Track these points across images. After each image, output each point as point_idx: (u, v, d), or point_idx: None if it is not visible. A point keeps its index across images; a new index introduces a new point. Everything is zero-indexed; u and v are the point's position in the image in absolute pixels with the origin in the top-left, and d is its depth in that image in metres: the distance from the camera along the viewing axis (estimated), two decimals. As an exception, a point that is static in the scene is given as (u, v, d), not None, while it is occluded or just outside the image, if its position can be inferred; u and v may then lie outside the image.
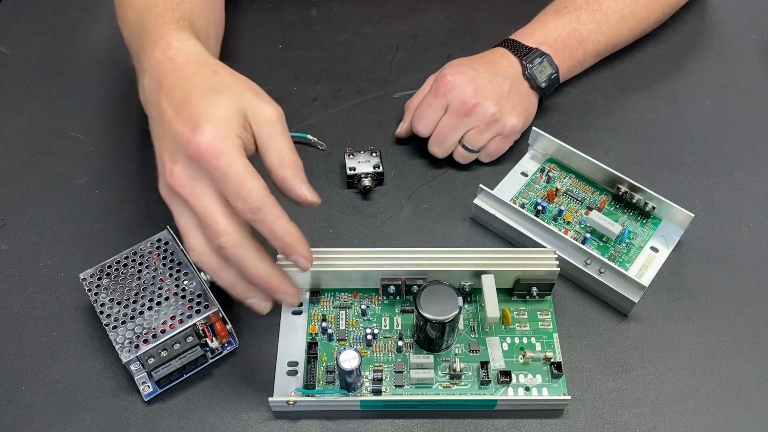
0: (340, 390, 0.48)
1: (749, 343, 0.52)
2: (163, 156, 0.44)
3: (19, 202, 0.60)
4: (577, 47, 0.64)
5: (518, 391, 0.49)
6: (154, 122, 0.46)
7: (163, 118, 0.44)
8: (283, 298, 0.46)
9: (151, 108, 0.46)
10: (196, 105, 0.43)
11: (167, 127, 0.43)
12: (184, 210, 0.44)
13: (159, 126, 0.45)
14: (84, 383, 0.50)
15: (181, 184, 0.43)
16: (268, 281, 0.44)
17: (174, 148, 0.43)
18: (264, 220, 0.43)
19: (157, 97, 0.45)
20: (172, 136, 0.43)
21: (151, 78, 0.46)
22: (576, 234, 0.56)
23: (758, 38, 0.73)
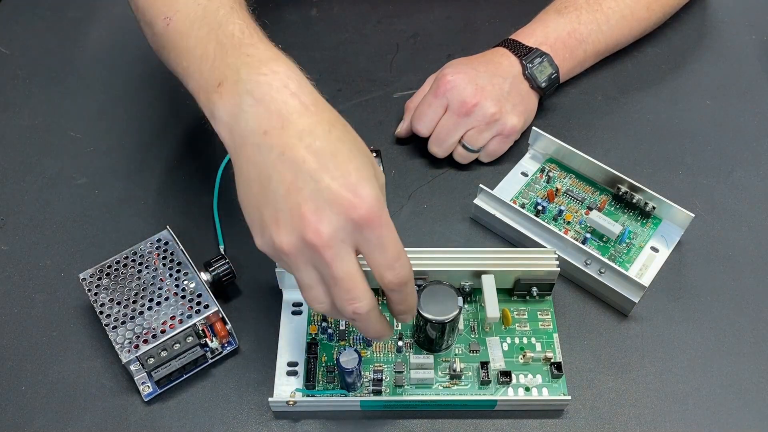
0: (340, 390, 0.48)
1: (749, 343, 0.52)
2: (301, 209, 0.39)
3: (19, 202, 0.60)
4: (577, 47, 0.64)
5: (518, 391, 0.49)
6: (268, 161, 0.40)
7: (300, 167, 0.39)
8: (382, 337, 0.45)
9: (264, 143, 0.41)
10: (349, 164, 0.40)
11: (309, 180, 0.39)
12: (308, 267, 0.41)
13: (289, 173, 0.40)
14: (84, 383, 0.50)
15: (327, 246, 0.39)
16: (382, 332, 0.44)
17: (322, 206, 0.39)
18: (405, 291, 0.43)
19: (284, 138, 0.40)
20: (318, 191, 0.39)
21: (267, 109, 0.41)
22: (576, 234, 0.56)
23: (758, 38, 0.73)
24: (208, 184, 0.61)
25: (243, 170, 0.42)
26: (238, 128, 0.42)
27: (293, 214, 0.39)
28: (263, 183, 0.41)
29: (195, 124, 0.66)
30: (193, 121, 0.66)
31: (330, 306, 0.42)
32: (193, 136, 0.65)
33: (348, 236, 0.40)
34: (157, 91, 0.69)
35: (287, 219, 0.40)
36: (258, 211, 0.41)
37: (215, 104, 0.43)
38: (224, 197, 0.60)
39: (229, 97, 0.42)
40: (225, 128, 0.43)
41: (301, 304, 0.53)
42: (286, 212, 0.40)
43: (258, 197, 0.41)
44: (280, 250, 0.40)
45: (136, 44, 0.73)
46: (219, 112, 0.43)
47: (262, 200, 0.41)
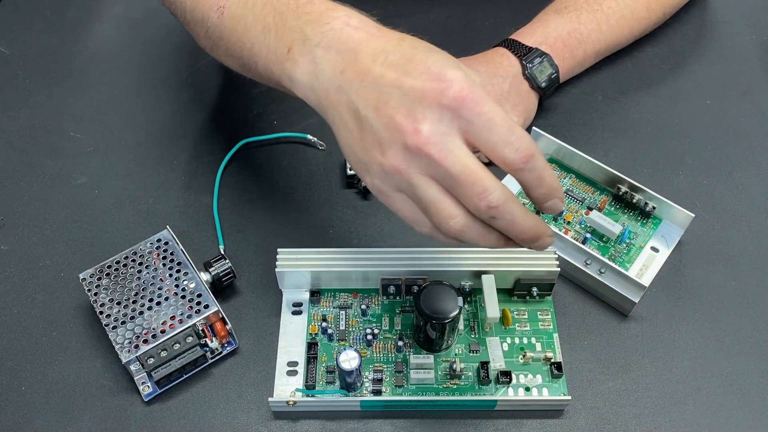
0: (340, 390, 0.48)
1: (749, 343, 0.52)
2: (394, 119, 0.38)
3: (19, 202, 0.60)
4: (577, 47, 0.64)
5: (518, 391, 0.49)
6: (353, 95, 0.40)
7: (380, 82, 0.39)
8: (544, 243, 0.41)
9: (344, 81, 0.40)
10: (429, 60, 0.38)
11: (392, 89, 0.38)
12: (426, 180, 0.39)
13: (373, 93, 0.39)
14: (84, 383, 0.50)
15: (431, 142, 0.37)
16: (538, 228, 0.40)
17: (413, 106, 0.38)
18: (535, 167, 0.39)
19: (359, 66, 0.40)
20: (403, 95, 0.38)
21: (338, 50, 0.41)
22: (576, 234, 0.56)
23: (758, 38, 0.73)
24: (208, 184, 0.61)
25: (336, 120, 0.42)
26: (318, 82, 0.42)
27: (390, 128, 0.38)
28: (355, 118, 0.40)
29: (195, 124, 0.66)
30: (193, 121, 0.66)
31: (465, 217, 0.39)
32: (194, 135, 0.65)
33: (449, 126, 0.38)
34: (157, 91, 0.69)
35: (386, 136, 0.39)
36: (360, 150, 0.40)
37: (291, 70, 0.43)
38: (224, 197, 0.60)
39: (301, 58, 0.42)
40: (307, 88, 0.43)
41: (301, 304, 0.53)
42: (383, 130, 0.39)
43: (355, 136, 0.40)
44: (391, 173, 0.39)
45: (136, 44, 0.73)
46: (297, 76, 0.43)
47: (359, 136, 0.40)
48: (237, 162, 0.63)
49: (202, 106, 0.67)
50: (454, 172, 0.38)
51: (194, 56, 0.71)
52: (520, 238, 0.40)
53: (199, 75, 0.70)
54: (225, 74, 0.70)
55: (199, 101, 0.68)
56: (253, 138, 0.63)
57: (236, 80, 0.69)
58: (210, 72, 0.70)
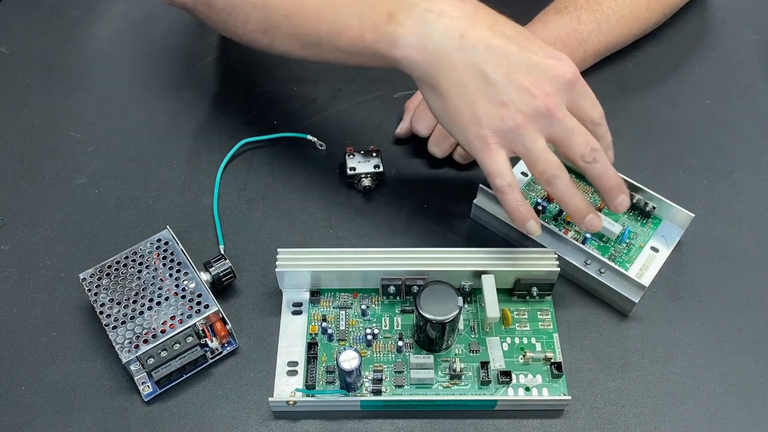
0: (340, 390, 0.48)
1: (749, 343, 0.52)
2: (524, 84, 0.46)
3: (19, 202, 0.60)
4: (577, 47, 0.64)
5: (518, 391, 0.49)
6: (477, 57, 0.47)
7: (508, 51, 0.47)
8: (624, 200, 0.50)
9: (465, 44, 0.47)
10: (537, 42, 0.49)
11: (519, 59, 0.47)
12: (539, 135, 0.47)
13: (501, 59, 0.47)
14: (84, 383, 0.50)
15: (556, 104, 0.47)
16: (619, 179, 0.50)
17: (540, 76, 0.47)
18: (604, 123, 0.51)
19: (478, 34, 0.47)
20: (531, 66, 0.47)
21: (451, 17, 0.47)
22: (576, 234, 0.56)
23: (758, 38, 0.73)
24: (208, 184, 0.61)
25: (451, 77, 0.47)
26: (432, 43, 0.47)
27: (520, 91, 0.46)
28: (480, 79, 0.47)
29: (195, 124, 0.66)
30: (194, 121, 0.66)
31: (561, 167, 0.48)
32: (194, 135, 0.65)
33: (564, 96, 0.48)
34: (158, 91, 0.69)
35: (516, 97, 0.47)
36: (479, 105, 0.47)
37: (395, 33, 0.48)
38: (224, 197, 0.60)
39: (409, 22, 0.48)
40: (414, 48, 0.47)
41: (301, 304, 0.53)
42: (513, 92, 0.46)
43: (475, 93, 0.47)
44: (515, 128, 0.47)
45: (136, 44, 0.73)
46: (403, 39, 0.48)
47: (482, 93, 0.47)
48: (237, 162, 0.63)
49: (202, 106, 0.67)
50: (570, 127, 0.47)
51: (194, 56, 0.71)
52: (608, 183, 0.49)
53: (199, 75, 0.70)
54: (225, 74, 0.70)
55: (199, 101, 0.68)
56: (253, 138, 0.63)
57: (236, 80, 0.69)
58: (210, 72, 0.70)
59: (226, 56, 0.71)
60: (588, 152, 0.48)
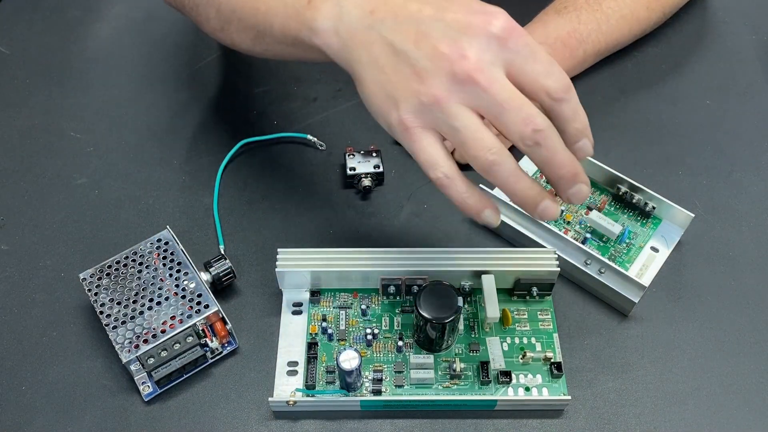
0: (340, 390, 0.48)
1: (749, 343, 0.52)
2: (438, 48, 0.39)
3: (19, 202, 0.60)
4: (577, 47, 0.64)
5: (518, 391, 0.49)
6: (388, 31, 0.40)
7: (419, 17, 0.40)
8: (582, 190, 0.41)
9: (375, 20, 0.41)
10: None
11: (433, 22, 0.39)
12: (463, 110, 0.39)
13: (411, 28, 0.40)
14: (84, 383, 0.50)
15: (479, 69, 0.38)
16: (574, 165, 0.41)
17: (457, 37, 0.39)
18: (572, 99, 0.40)
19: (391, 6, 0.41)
20: (447, 27, 0.39)
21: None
22: (576, 234, 0.56)
23: (758, 38, 0.73)
24: (208, 184, 0.61)
25: (363, 59, 0.42)
26: (344, 25, 0.42)
27: (433, 58, 0.39)
28: (390, 53, 0.40)
29: (195, 124, 0.66)
30: (194, 121, 0.66)
31: (502, 151, 0.40)
32: (194, 135, 0.65)
33: (495, 56, 0.39)
34: (157, 91, 0.69)
35: (429, 65, 0.39)
36: (392, 85, 0.40)
37: (313, 18, 0.43)
38: (224, 197, 0.60)
39: (323, 5, 0.43)
40: (330, 33, 0.43)
41: (301, 304, 0.53)
42: (425, 60, 0.39)
43: (387, 72, 0.41)
44: (430, 103, 0.39)
45: (136, 44, 0.73)
46: (319, 23, 0.43)
47: (394, 69, 0.40)
48: (237, 162, 0.63)
49: (202, 106, 0.67)
50: (501, 99, 0.38)
51: (194, 56, 0.71)
52: (558, 173, 0.40)
53: (199, 75, 0.70)
54: (225, 74, 0.70)
55: (199, 101, 0.68)
56: (253, 138, 0.63)
57: (236, 80, 0.69)
58: (210, 72, 0.70)
59: (226, 56, 0.72)
60: (528, 133, 0.39)
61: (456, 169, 0.42)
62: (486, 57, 0.39)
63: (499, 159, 0.40)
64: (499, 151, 0.40)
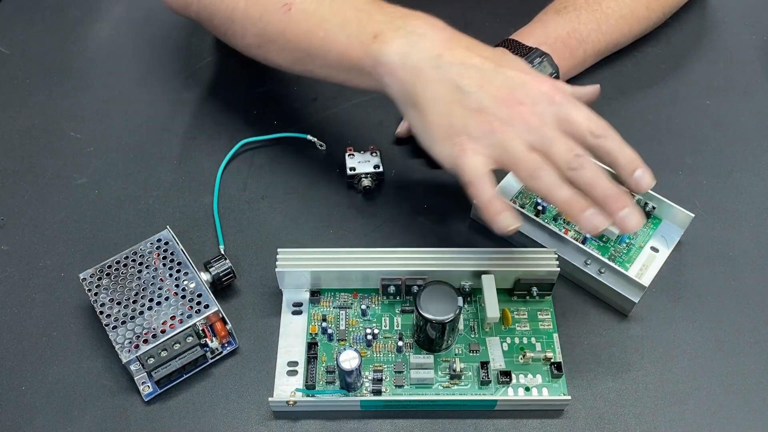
0: (340, 390, 0.48)
1: (749, 343, 0.52)
2: (499, 94, 0.47)
3: (19, 202, 0.60)
4: (577, 47, 0.64)
5: (518, 391, 0.49)
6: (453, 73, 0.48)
7: (482, 67, 0.48)
8: (628, 214, 0.45)
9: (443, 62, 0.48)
10: (515, 60, 0.51)
11: (495, 74, 0.48)
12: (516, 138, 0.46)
13: (475, 74, 0.48)
14: (84, 383, 0.50)
15: (533, 113, 0.46)
16: (616, 190, 0.46)
17: (515, 87, 0.47)
18: (614, 135, 0.47)
19: (457, 53, 0.49)
20: (507, 79, 0.48)
21: (433, 38, 0.49)
22: (576, 234, 0.56)
23: (758, 38, 0.73)
24: (208, 184, 0.61)
25: (426, 92, 0.48)
26: (411, 61, 0.49)
27: (495, 100, 0.47)
28: (454, 92, 0.48)
29: (195, 124, 0.66)
30: (194, 121, 0.66)
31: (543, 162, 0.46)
32: (194, 135, 0.65)
33: (545, 107, 0.47)
34: (157, 91, 0.69)
35: (490, 105, 0.47)
36: (455, 117, 0.48)
37: (379, 51, 0.50)
38: (224, 197, 0.60)
39: (393, 41, 0.50)
40: (397, 66, 0.49)
41: (301, 304, 0.53)
42: (487, 101, 0.47)
43: (452, 106, 0.48)
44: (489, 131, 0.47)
45: (136, 44, 0.73)
46: (386, 57, 0.50)
47: (458, 104, 0.47)
48: (237, 162, 0.63)
49: (202, 106, 0.67)
50: (550, 135, 0.46)
51: (194, 56, 0.71)
52: (603, 193, 0.46)
53: (199, 75, 0.70)
54: (225, 74, 0.70)
55: (199, 101, 0.68)
56: (253, 138, 0.63)
57: (236, 80, 0.69)
58: (210, 72, 0.70)
59: (226, 56, 0.71)
60: (572, 158, 0.46)
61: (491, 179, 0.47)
62: (538, 108, 0.47)
63: (544, 167, 0.46)
64: (543, 163, 0.46)
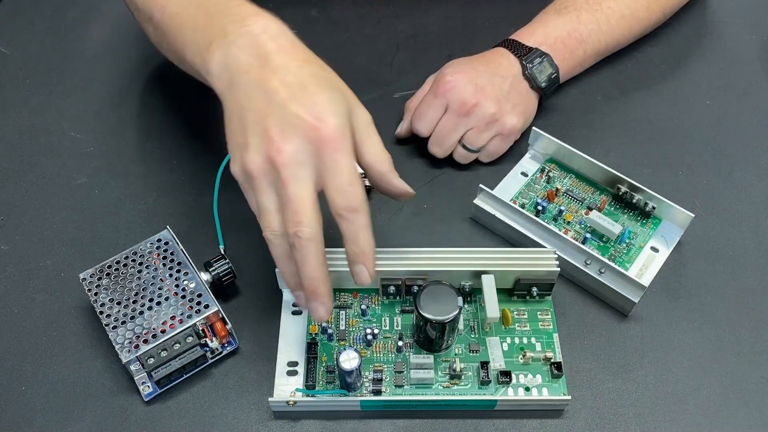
0: (340, 390, 0.48)
1: (749, 343, 0.52)
2: (269, 131, 0.43)
3: (19, 202, 0.60)
4: (577, 47, 0.64)
5: (518, 391, 0.49)
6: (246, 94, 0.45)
7: (272, 96, 0.44)
8: (317, 309, 0.45)
9: (244, 80, 0.45)
10: (317, 96, 0.44)
11: (278, 107, 0.43)
12: (269, 190, 0.44)
13: (262, 102, 0.44)
14: (84, 383, 0.50)
15: (286, 164, 0.42)
16: (318, 285, 0.44)
17: (287, 129, 0.43)
18: (355, 222, 0.44)
19: (261, 73, 0.44)
20: (285, 116, 0.43)
21: (249, 52, 0.45)
22: (576, 234, 0.56)
23: (758, 38, 0.73)
24: (208, 184, 0.61)
25: (228, 108, 0.46)
26: (227, 74, 0.46)
27: (262, 137, 0.43)
28: (241, 113, 0.44)
29: (195, 124, 0.66)
30: (193, 121, 0.66)
31: (281, 235, 0.44)
32: (193, 135, 0.65)
33: (307, 159, 0.43)
34: (157, 91, 0.69)
35: (256, 141, 0.43)
36: (234, 139, 0.45)
37: (208, 61, 0.47)
38: (224, 197, 0.60)
39: (218, 51, 0.47)
40: (217, 79, 0.47)
41: (301, 304, 0.53)
42: (256, 135, 0.43)
43: (236, 126, 0.45)
44: (248, 172, 0.44)
45: (136, 45, 0.73)
46: (211, 67, 0.47)
47: (239, 128, 0.44)
48: (237, 162, 0.63)
49: (203, 106, 0.67)
50: (289, 196, 0.43)
51: (194, 56, 0.71)
52: (305, 281, 0.44)
53: (199, 75, 0.70)
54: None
55: (199, 101, 0.68)
56: (253, 138, 0.63)
57: (236, 80, 0.69)
58: (210, 72, 0.70)
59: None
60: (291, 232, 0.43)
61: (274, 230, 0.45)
62: (298, 157, 0.43)
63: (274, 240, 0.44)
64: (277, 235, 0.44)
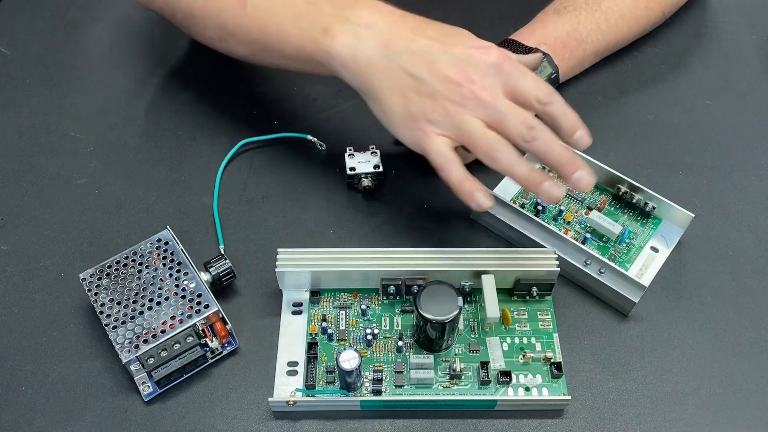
0: (340, 390, 0.48)
1: (749, 343, 0.52)
2: (449, 76, 0.48)
3: (19, 202, 0.60)
4: (576, 47, 0.64)
5: (518, 391, 0.49)
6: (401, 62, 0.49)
7: (429, 51, 0.49)
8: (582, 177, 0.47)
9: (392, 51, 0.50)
10: (461, 35, 0.51)
11: (442, 54, 0.49)
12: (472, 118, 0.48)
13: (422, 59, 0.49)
14: (84, 383, 0.50)
15: (483, 88, 0.48)
16: (569, 154, 0.48)
17: (463, 65, 0.48)
18: (559, 101, 0.49)
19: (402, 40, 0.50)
20: (454, 58, 0.49)
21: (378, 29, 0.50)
22: (576, 234, 0.56)
23: (758, 38, 0.73)
24: (208, 184, 0.61)
25: (381, 82, 0.50)
26: (361, 53, 0.50)
27: (444, 82, 0.48)
28: (405, 79, 0.49)
29: (195, 124, 0.66)
30: (194, 121, 0.66)
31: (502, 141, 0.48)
32: (194, 135, 0.65)
33: (494, 79, 0.48)
34: (157, 91, 0.69)
35: (441, 88, 0.48)
36: (411, 103, 0.49)
37: (330, 45, 0.51)
38: (224, 197, 0.60)
39: (341, 34, 0.51)
40: (348, 59, 0.51)
41: (301, 304, 0.53)
42: (438, 84, 0.49)
43: (407, 92, 0.49)
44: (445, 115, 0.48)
45: (136, 44, 0.73)
46: (336, 50, 0.51)
47: (412, 91, 0.49)
48: (237, 162, 0.63)
49: (202, 106, 0.67)
50: (502, 109, 0.48)
51: (194, 56, 0.71)
52: (557, 161, 0.48)
53: (199, 75, 0.70)
54: (225, 74, 0.70)
55: (199, 101, 0.68)
56: (253, 138, 0.63)
57: (236, 80, 0.69)
58: (210, 72, 0.70)
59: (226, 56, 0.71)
60: (525, 131, 0.48)
61: (458, 160, 0.49)
62: (488, 81, 0.48)
63: (501, 147, 0.48)
64: (502, 143, 0.48)
